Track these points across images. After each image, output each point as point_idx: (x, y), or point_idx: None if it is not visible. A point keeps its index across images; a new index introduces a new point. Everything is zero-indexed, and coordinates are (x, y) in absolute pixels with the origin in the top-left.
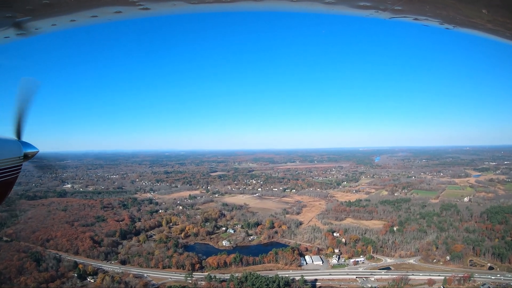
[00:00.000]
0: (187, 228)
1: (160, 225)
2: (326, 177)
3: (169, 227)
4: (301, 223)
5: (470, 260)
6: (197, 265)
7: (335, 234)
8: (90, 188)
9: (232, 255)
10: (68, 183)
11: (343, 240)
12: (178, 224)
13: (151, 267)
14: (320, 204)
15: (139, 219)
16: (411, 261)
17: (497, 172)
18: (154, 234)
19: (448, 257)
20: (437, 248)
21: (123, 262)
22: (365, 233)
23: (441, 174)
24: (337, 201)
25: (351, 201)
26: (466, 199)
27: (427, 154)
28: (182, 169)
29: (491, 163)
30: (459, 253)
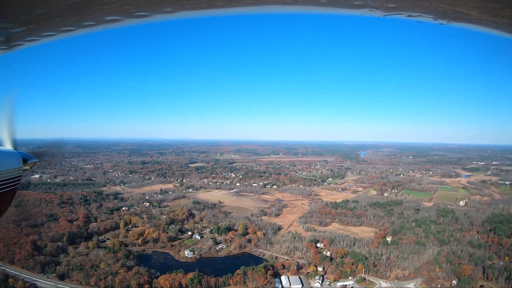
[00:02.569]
0: (146, 232)
1: (117, 227)
2: (310, 172)
3: (127, 230)
4: (279, 228)
5: (481, 286)
6: (146, 286)
7: (318, 245)
8: (58, 179)
9: (190, 274)
10: (37, 173)
11: (328, 253)
12: (138, 226)
13: (91, 286)
14: (302, 204)
15: (96, 219)
16: (411, 286)
17: (487, 173)
18: (108, 239)
19: (454, 282)
20: (440, 267)
21: (62, 277)
22: (354, 245)
23: (430, 172)
24: (322, 201)
25: (337, 202)
26: (461, 203)
27: (413, 151)
28: (161, 159)
29: (479, 162)
30: (467, 277)
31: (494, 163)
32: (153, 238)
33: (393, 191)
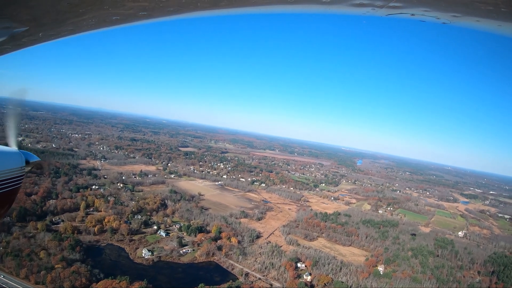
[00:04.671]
0: (106, 220)
1: (77, 208)
2: (303, 174)
3: (87, 213)
4: (258, 236)
5: None
6: None
7: (299, 265)
8: (39, 146)
9: (136, 285)
10: (20, 136)
11: (309, 279)
12: (101, 211)
13: (22, 278)
14: (290, 209)
15: (57, 196)
16: None
17: (486, 202)
18: (62, 221)
19: None
20: None
21: None
22: (340, 270)
23: (427, 193)
24: (311, 209)
25: (328, 213)
26: (460, 233)
27: (410, 167)
28: (152, 139)
29: (476, 189)
30: None
31: (491, 192)
32: (112, 228)
33: (389, 208)
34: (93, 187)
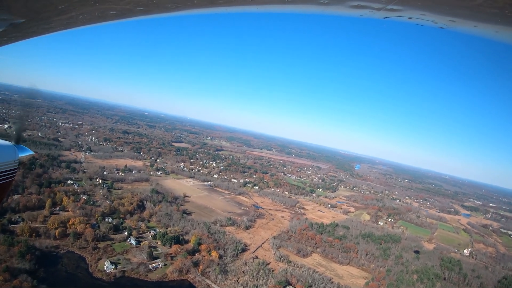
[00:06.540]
0: (70, 222)
1: (42, 206)
2: (300, 177)
3: (51, 213)
4: (244, 249)
5: None
6: None
7: None
8: (24, 134)
9: None
10: (7, 123)
11: None
12: (68, 211)
13: None
14: (282, 217)
15: (24, 190)
16: None
17: (487, 216)
18: (22, 220)
19: None
20: None
21: None
22: None
23: (428, 203)
24: (306, 219)
25: (324, 223)
26: (466, 251)
27: (408, 174)
28: (146, 132)
29: (476, 201)
30: None
31: (491, 205)
32: (75, 232)
33: (389, 220)
34: (68, 181)
